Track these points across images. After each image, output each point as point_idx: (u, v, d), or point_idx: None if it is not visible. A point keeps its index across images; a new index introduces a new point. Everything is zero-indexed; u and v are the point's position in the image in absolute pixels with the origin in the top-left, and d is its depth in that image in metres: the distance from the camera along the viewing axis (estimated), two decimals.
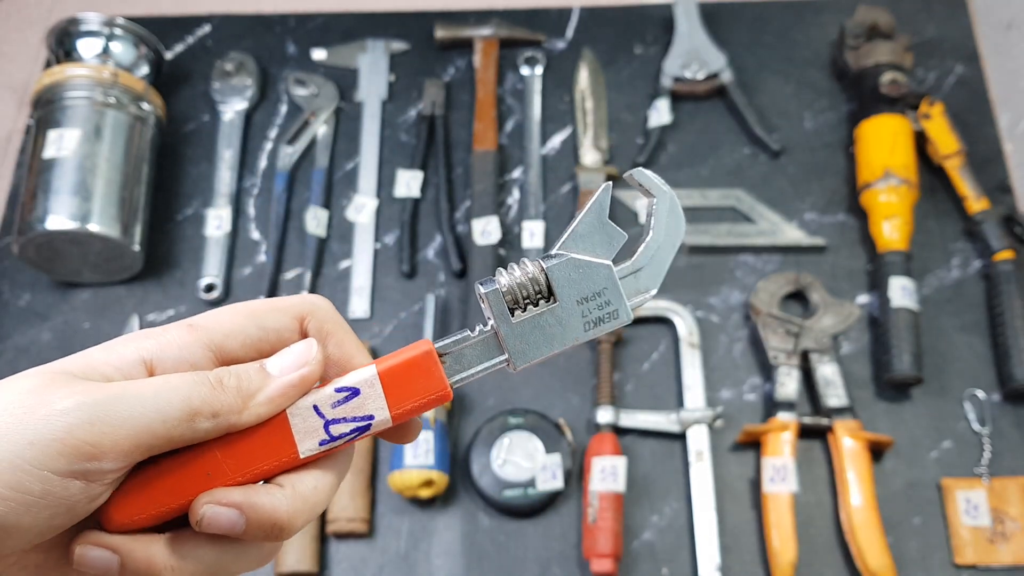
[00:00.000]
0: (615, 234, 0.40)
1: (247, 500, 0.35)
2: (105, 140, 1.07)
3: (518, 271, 0.39)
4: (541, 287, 0.39)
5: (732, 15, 1.27)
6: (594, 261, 0.40)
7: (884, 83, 1.11)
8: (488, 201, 1.13)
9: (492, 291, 0.39)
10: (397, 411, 0.38)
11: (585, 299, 0.39)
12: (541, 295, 0.39)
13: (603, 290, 0.40)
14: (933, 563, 0.95)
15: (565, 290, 0.39)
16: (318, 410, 0.37)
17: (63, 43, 1.14)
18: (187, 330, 0.38)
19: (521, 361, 0.39)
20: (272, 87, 1.25)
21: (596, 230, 0.40)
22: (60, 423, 0.33)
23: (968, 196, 1.09)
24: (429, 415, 0.98)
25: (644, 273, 0.41)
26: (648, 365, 1.05)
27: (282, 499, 0.36)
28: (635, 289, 0.40)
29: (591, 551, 0.93)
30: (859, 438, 0.96)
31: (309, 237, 1.12)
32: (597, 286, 0.40)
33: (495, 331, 0.39)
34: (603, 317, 0.40)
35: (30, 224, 1.03)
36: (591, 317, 0.40)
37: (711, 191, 1.14)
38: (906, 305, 1.02)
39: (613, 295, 0.40)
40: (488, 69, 1.22)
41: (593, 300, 0.40)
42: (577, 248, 0.40)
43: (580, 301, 0.39)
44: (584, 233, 0.40)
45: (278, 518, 0.36)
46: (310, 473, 0.38)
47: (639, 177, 0.41)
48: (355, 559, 0.97)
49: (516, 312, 0.39)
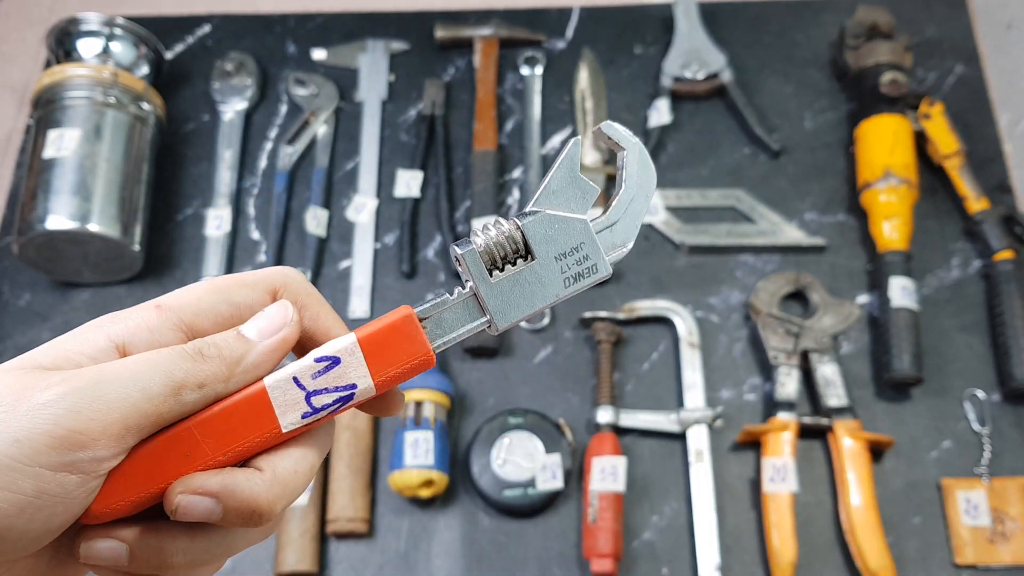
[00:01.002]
0: (588, 188, 0.39)
1: (224, 488, 0.34)
2: (105, 140, 1.07)
3: (494, 230, 0.39)
4: (518, 245, 0.39)
5: (732, 15, 1.27)
6: (570, 216, 0.39)
7: (884, 83, 1.11)
8: (488, 201, 1.13)
9: (468, 251, 0.38)
10: (380, 378, 0.37)
11: (563, 255, 0.39)
12: (519, 253, 0.39)
13: (580, 244, 0.39)
14: (933, 563, 0.95)
15: (542, 247, 0.39)
16: (298, 382, 0.36)
17: (63, 43, 1.14)
18: (155, 311, 0.36)
19: (503, 321, 0.39)
20: (272, 87, 1.25)
21: (569, 185, 0.39)
22: (45, 415, 0.31)
23: (968, 196, 1.09)
24: (429, 415, 0.98)
25: (619, 226, 0.40)
26: (648, 365, 1.05)
27: (261, 484, 0.35)
28: (611, 243, 0.40)
29: (591, 551, 0.93)
30: (859, 438, 0.96)
31: (309, 237, 1.12)
32: (574, 241, 0.39)
33: (474, 292, 0.38)
34: (582, 272, 0.39)
35: (30, 224, 1.03)
36: (570, 272, 0.39)
37: (711, 191, 1.14)
38: (906, 305, 1.02)
39: (591, 249, 0.39)
40: (488, 69, 1.22)
41: (571, 256, 0.39)
42: (551, 204, 0.39)
43: (558, 257, 0.39)
44: (557, 189, 0.39)
45: (257, 504, 0.35)
46: (289, 453, 0.36)
47: (607, 131, 0.40)
48: (355, 559, 0.97)
49: (494, 272, 0.38)
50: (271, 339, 0.36)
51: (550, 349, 1.07)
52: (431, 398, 0.98)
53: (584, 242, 0.39)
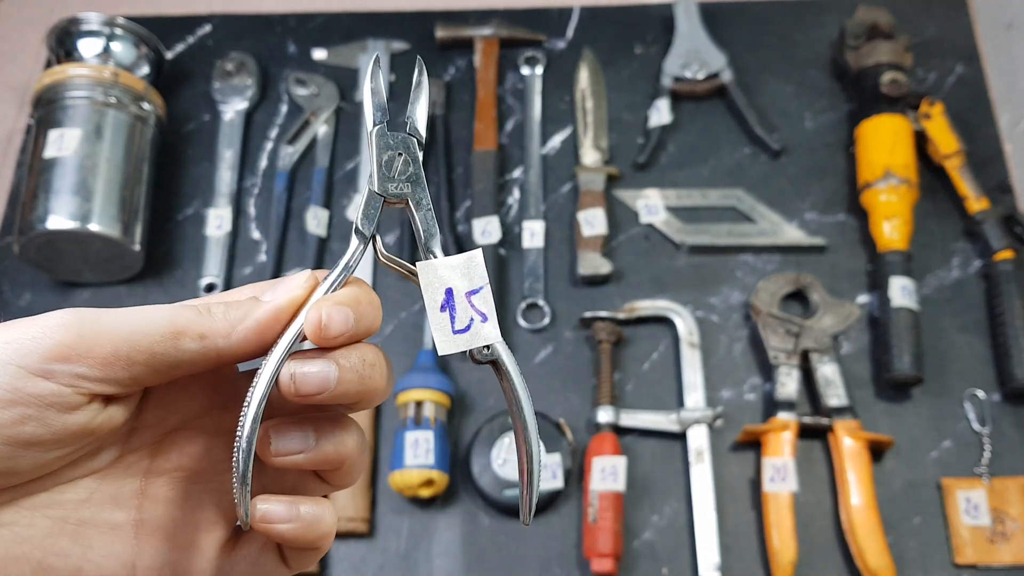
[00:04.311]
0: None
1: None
2: (106, 140, 1.07)
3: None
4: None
5: (732, 15, 1.27)
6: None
7: (884, 83, 1.11)
8: (488, 201, 1.13)
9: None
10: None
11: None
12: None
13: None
14: (933, 563, 0.95)
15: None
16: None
17: (64, 43, 1.14)
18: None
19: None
20: (272, 87, 1.25)
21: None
22: (40, 325, 0.33)
23: (968, 196, 1.10)
24: (429, 415, 0.98)
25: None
26: (648, 365, 1.05)
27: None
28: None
29: (591, 551, 0.93)
30: (859, 438, 0.96)
31: (309, 237, 1.13)
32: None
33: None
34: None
35: (31, 224, 1.03)
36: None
37: (711, 191, 1.14)
38: (906, 305, 1.02)
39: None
40: (488, 69, 1.22)
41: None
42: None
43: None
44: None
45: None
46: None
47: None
48: (355, 559, 0.97)
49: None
50: (276, 300, 0.37)
51: (550, 349, 1.07)
52: (431, 398, 0.98)
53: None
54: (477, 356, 0.39)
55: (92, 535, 0.36)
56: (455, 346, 0.38)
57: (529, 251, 1.11)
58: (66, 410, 0.33)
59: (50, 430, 0.33)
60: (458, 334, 0.38)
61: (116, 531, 0.37)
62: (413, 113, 0.42)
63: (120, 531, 0.37)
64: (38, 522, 0.35)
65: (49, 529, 0.35)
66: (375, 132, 0.41)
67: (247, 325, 0.36)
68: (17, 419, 0.32)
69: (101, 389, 0.34)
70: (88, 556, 0.36)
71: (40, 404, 0.33)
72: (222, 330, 0.36)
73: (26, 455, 0.33)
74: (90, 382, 0.33)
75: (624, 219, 1.13)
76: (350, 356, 0.36)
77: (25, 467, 0.34)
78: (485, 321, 0.39)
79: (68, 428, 0.33)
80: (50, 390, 0.33)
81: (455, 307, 0.39)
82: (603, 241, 1.10)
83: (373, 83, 0.42)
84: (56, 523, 0.35)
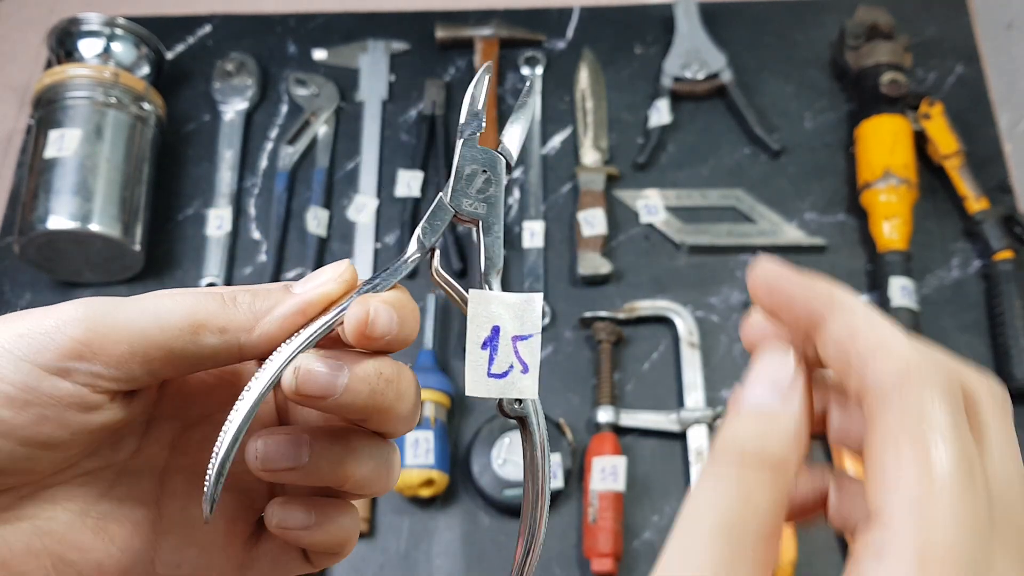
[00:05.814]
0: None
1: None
2: (106, 140, 1.07)
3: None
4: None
5: (732, 15, 1.27)
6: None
7: (884, 83, 1.11)
8: None
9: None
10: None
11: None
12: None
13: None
14: None
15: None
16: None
17: (64, 43, 1.14)
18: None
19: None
20: (273, 87, 1.25)
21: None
22: (54, 318, 0.31)
23: (968, 196, 1.10)
24: (430, 415, 0.98)
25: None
26: (648, 365, 1.06)
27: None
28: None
29: (591, 551, 0.93)
30: None
31: (310, 237, 1.13)
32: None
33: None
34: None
35: (31, 224, 1.03)
36: None
37: (711, 191, 1.14)
38: (906, 305, 1.02)
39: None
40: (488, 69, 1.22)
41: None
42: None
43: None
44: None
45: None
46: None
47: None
48: (355, 559, 0.97)
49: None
50: (308, 293, 0.34)
51: (550, 349, 1.07)
52: (431, 398, 0.98)
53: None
54: (506, 407, 0.36)
55: (113, 529, 0.35)
56: (486, 390, 0.35)
57: (529, 251, 1.11)
58: (85, 410, 0.32)
59: (69, 431, 0.32)
60: (492, 378, 0.35)
61: (137, 526, 0.36)
62: (509, 133, 0.40)
63: (141, 526, 0.36)
64: (59, 515, 0.34)
65: (70, 523, 0.34)
66: (462, 143, 0.38)
67: (271, 320, 0.34)
68: (34, 420, 0.31)
69: (119, 387, 0.32)
70: (109, 551, 0.35)
71: (58, 404, 0.31)
72: (244, 323, 0.33)
73: (44, 455, 0.32)
74: (107, 380, 0.32)
75: (624, 219, 1.13)
76: (366, 365, 0.33)
77: (44, 466, 0.33)
78: (526, 372, 0.35)
79: (87, 427, 0.32)
80: (68, 391, 0.31)
81: (497, 348, 0.35)
82: (603, 241, 1.10)
83: (476, 89, 0.39)
84: (77, 517, 0.34)
